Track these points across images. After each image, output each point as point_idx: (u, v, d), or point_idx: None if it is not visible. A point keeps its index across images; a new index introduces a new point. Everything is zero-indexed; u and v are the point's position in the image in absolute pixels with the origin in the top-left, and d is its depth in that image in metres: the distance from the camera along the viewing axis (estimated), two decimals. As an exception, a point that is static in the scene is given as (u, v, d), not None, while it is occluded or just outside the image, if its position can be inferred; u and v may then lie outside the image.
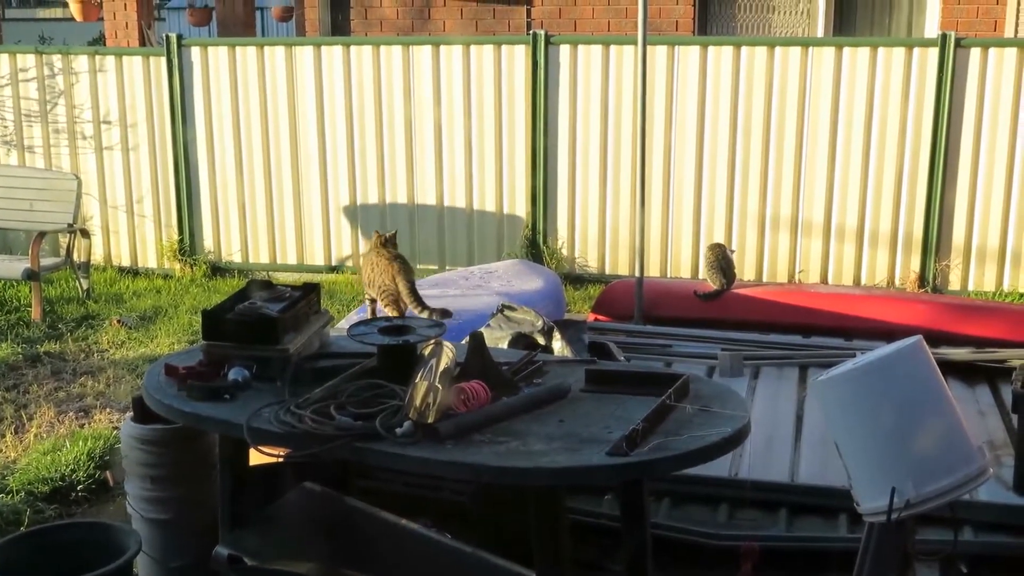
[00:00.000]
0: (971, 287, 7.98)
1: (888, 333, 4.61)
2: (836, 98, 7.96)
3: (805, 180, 8.10)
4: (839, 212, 8.09)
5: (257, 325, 3.37)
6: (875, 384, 2.67)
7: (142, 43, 11.30)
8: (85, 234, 8.29)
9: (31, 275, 7.62)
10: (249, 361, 3.30)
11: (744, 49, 8.05)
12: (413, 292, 4.59)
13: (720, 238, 8.07)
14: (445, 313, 4.46)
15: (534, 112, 8.37)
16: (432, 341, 3.30)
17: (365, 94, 8.61)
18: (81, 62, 8.99)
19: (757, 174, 8.14)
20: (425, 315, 4.42)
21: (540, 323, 4.57)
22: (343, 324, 4.99)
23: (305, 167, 8.81)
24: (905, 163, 7.95)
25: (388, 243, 4.75)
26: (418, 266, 8.62)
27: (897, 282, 8.07)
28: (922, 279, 8.01)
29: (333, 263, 8.93)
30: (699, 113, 8.15)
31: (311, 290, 3.67)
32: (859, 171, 8.01)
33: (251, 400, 3.15)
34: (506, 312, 4.76)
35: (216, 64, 8.78)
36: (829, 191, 8.08)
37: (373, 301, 4.74)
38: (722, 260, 5.90)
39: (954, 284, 8.01)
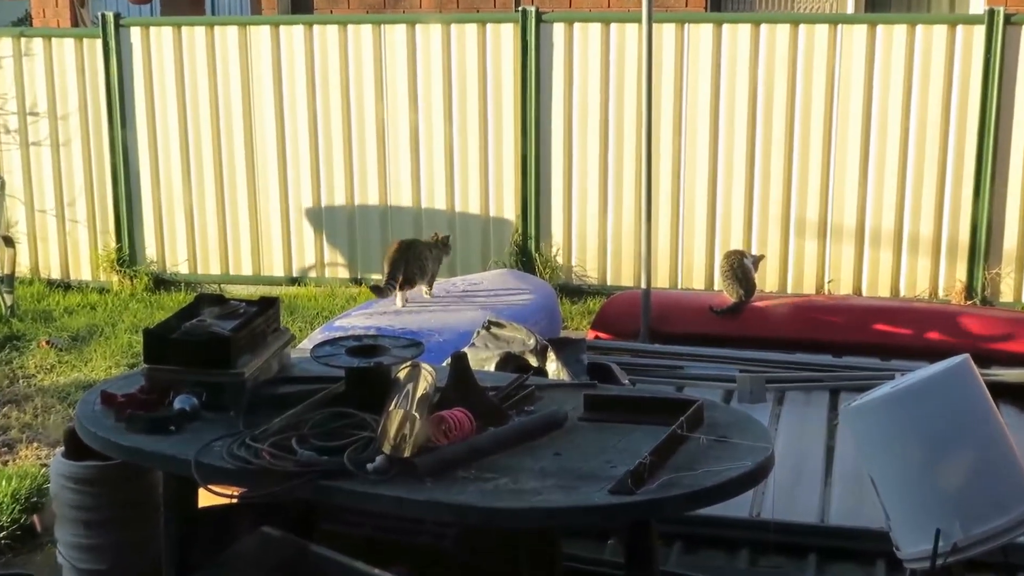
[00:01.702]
0: (1025, 299, 8.02)
1: (931, 351, 4.61)
2: (869, 84, 7.99)
3: (835, 177, 8.12)
4: (873, 213, 8.11)
5: (207, 346, 3.35)
6: (916, 410, 2.68)
7: (74, 23, 11.29)
8: (9, 242, 8.26)
9: (-54, 290, 7.59)
10: (198, 387, 3.29)
11: (764, 27, 8.09)
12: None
13: (738, 244, 8.08)
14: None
15: (524, 100, 8.38)
16: (408, 363, 3.29)
17: (331, 81, 8.61)
18: (4, 45, 8.97)
19: (780, 171, 8.16)
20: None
21: (532, 341, 4.57)
22: (306, 344, 4.97)
23: (262, 164, 8.80)
24: (949, 157, 7.98)
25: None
26: (392, 277, 8.61)
27: (940, 293, 8.09)
28: (969, 290, 8.03)
29: (294, 274, 8.92)
30: (713, 101, 8.16)
31: (269, 305, 3.66)
32: (896, 167, 8.03)
33: (200, 432, 3.13)
34: (493, 329, 4.75)
35: (159, 47, 8.77)
36: (862, 190, 8.10)
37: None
38: (739, 269, 5.90)
39: (1006, 295, 8.03)
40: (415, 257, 5.75)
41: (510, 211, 8.57)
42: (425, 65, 8.49)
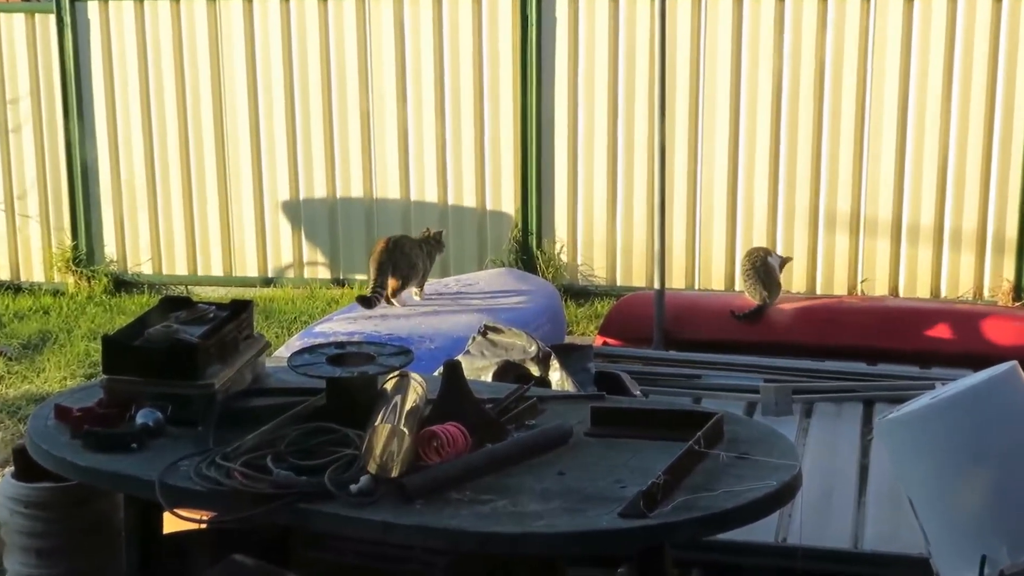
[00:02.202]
0: (1080, 299, 8.02)
1: (975, 358, 4.61)
2: (906, 62, 7.99)
3: (868, 166, 8.12)
4: (911, 206, 8.11)
5: (172, 354, 3.35)
6: (959, 423, 2.67)
7: (25, -4, 11.30)
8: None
9: None
10: (162, 400, 3.28)
11: (789, 1, 8.07)
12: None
13: (761, 240, 8.09)
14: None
15: (524, 81, 8.38)
16: (396, 373, 3.29)
17: (310, 59, 8.61)
18: (-53, 21, 8.98)
19: (807, 159, 8.16)
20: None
21: (533, 348, 4.57)
22: (283, 352, 4.97)
23: (234, 153, 8.80)
24: (994, 142, 7.98)
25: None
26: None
27: (986, 293, 8.09)
28: (1017, 290, 8.03)
29: (269, 274, 8.92)
30: (733, 80, 8.16)
31: (241, 309, 3.66)
32: (936, 153, 8.03)
33: (165, 450, 3.12)
34: (490, 335, 4.75)
35: (120, 23, 8.78)
36: (898, 179, 8.10)
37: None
38: (763, 268, 5.90)
39: (1058, 295, 8.05)
40: (403, 256, 5.75)
41: (509, 204, 8.57)
42: (414, 42, 8.49)
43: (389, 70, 8.53)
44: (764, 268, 5.91)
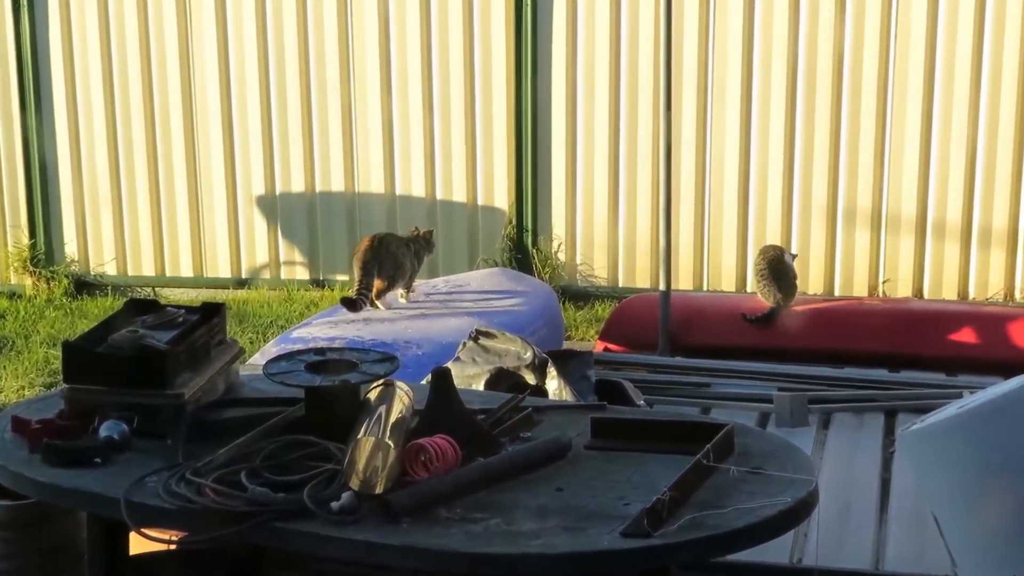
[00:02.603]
0: (1120, 301, 8.04)
1: (1006, 365, 4.62)
2: (931, 44, 7.99)
3: (890, 158, 8.13)
4: (937, 201, 8.12)
5: (139, 362, 3.35)
6: (989, 434, 2.68)
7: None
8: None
9: None
10: (128, 411, 3.28)
11: (805, -23, 8.11)
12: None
13: (775, 238, 8.10)
14: None
15: (518, 65, 8.38)
16: (380, 382, 3.29)
17: (286, 41, 8.61)
18: None
19: (824, 150, 8.17)
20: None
21: (529, 355, 4.58)
22: (258, 359, 4.97)
23: (205, 145, 8.79)
24: (1027, 132, 8.00)
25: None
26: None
27: (1018, 295, 8.11)
28: (1052, 291, 8.06)
29: (243, 275, 8.91)
30: (745, 66, 8.17)
31: (213, 313, 3.66)
32: (964, 144, 8.04)
33: (131, 465, 3.13)
34: (482, 340, 4.76)
35: (81, 7, 8.75)
36: (923, 173, 8.11)
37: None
38: (777, 268, 5.91)
39: (1096, 297, 8.06)
40: (390, 255, 5.77)
41: (502, 199, 8.57)
42: (399, 25, 8.48)
43: (372, 54, 8.52)
44: (779, 268, 5.93)
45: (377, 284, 5.73)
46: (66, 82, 8.84)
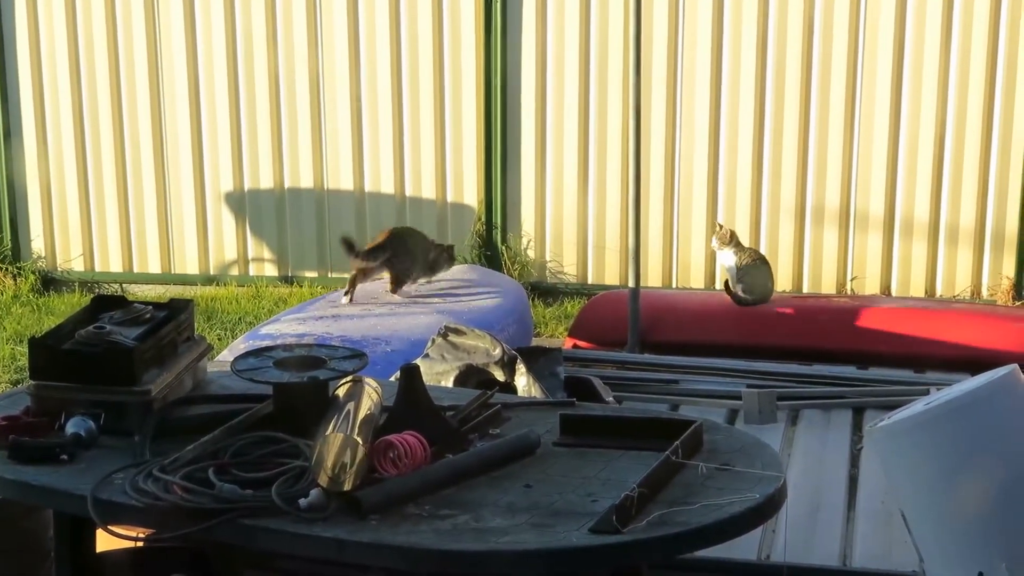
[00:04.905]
0: (1086, 299, 8.09)
1: (973, 362, 4.64)
2: (899, 42, 8.03)
3: (859, 155, 8.16)
4: (905, 198, 8.16)
5: (106, 358, 3.34)
6: (956, 431, 2.69)
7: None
8: None
9: None
10: (95, 408, 3.27)
11: (774, -25, 8.13)
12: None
13: (744, 234, 8.04)
14: None
15: (488, 59, 8.38)
16: (349, 378, 3.29)
17: (255, 35, 8.58)
18: None
19: (793, 147, 8.20)
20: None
21: (498, 351, 4.57)
22: (226, 355, 4.96)
23: (173, 140, 8.77)
24: (994, 131, 8.03)
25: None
26: (331, 274, 8.60)
27: (985, 293, 8.15)
28: (1017, 288, 8.09)
29: (212, 271, 8.89)
30: (714, 62, 8.19)
31: (181, 309, 3.65)
32: (932, 142, 8.08)
33: (98, 462, 3.11)
34: (451, 336, 4.75)
35: (48, -3, 8.75)
36: (891, 170, 8.14)
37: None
38: (765, 260, 5.98)
39: (1062, 295, 8.11)
40: (405, 249, 5.89)
41: (471, 195, 8.57)
42: (368, 18, 8.47)
43: (341, 46, 8.51)
44: (766, 262, 5.98)
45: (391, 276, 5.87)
46: (32, 76, 8.80)
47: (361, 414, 3.04)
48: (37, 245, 9.01)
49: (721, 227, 6.16)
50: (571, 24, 8.28)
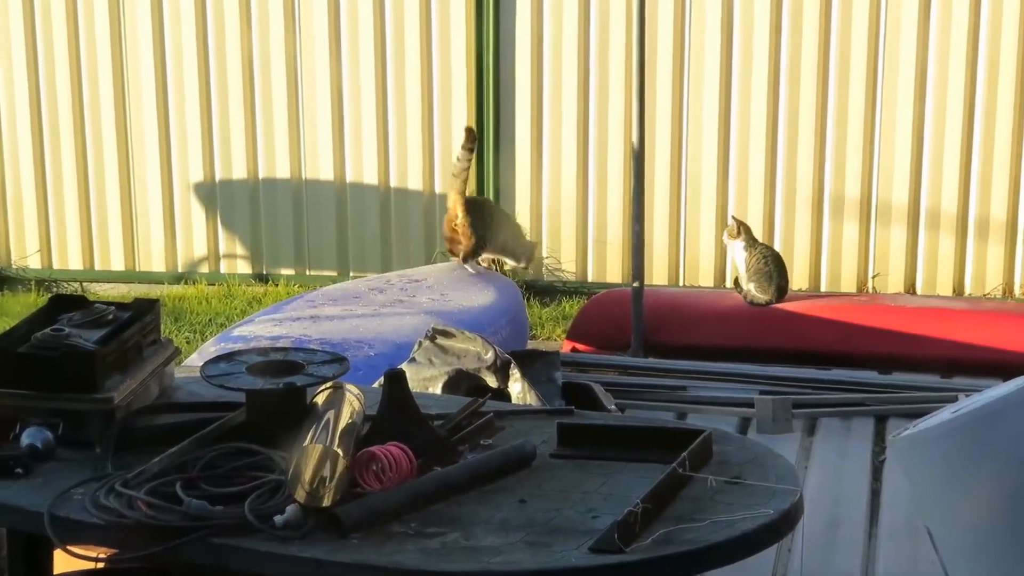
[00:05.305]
0: None
1: (1004, 366, 4.65)
2: (924, 21, 8.03)
3: (881, 141, 8.17)
4: (931, 190, 8.17)
5: (64, 363, 3.33)
6: (986, 440, 2.70)
7: None
8: None
9: None
10: (53, 417, 3.26)
11: (789, -52, 8.14)
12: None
13: (757, 228, 8.04)
14: None
15: (480, 42, 8.37)
16: (329, 384, 3.29)
17: (227, 14, 8.58)
18: None
19: (809, 136, 8.20)
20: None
21: (490, 355, 4.58)
22: (195, 360, 4.96)
23: (137, 127, 8.76)
24: (1027, 116, 8.06)
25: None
26: (309, 271, 8.60)
27: (1017, 291, 8.16)
28: (1053, 286, 8.12)
29: (180, 269, 8.88)
30: (724, 42, 8.19)
31: (146, 310, 3.65)
32: (960, 129, 8.09)
33: (56, 476, 3.11)
34: (440, 339, 4.76)
35: (2, -28, 8.74)
36: (916, 159, 8.15)
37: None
38: (779, 261, 5.98)
39: (1101, 293, 8.13)
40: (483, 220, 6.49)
41: (462, 186, 8.58)
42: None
43: (320, 25, 8.50)
44: (780, 261, 5.99)
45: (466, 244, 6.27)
46: (-15, 59, 8.80)
47: (342, 424, 3.04)
48: (-10, 240, 9.02)
49: (734, 219, 6.17)
50: (570, 10, 8.28)
